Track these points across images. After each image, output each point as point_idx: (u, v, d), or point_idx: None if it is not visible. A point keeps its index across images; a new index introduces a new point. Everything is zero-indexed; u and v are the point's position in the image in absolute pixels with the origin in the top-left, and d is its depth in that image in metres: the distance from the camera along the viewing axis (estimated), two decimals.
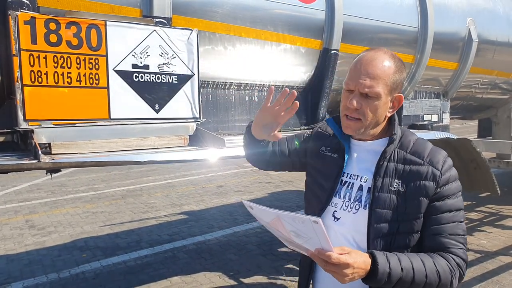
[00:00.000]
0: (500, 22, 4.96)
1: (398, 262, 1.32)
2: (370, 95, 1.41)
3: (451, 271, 1.37)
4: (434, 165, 1.43)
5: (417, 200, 1.41)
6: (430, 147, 1.49)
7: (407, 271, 1.31)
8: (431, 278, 1.34)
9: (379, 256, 1.30)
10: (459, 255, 1.40)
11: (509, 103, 5.88)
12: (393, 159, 1.47)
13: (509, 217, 6.64)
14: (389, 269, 1.29)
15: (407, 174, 1.44)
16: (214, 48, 2.80)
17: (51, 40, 1.99)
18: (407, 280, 1.32)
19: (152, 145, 2.35)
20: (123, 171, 11.42)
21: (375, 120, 1.47)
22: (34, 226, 6.81)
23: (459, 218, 1.43)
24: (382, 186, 1.44)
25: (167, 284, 4.64)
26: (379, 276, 1.29)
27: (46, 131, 2.04)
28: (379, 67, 1.41)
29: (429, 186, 1.40)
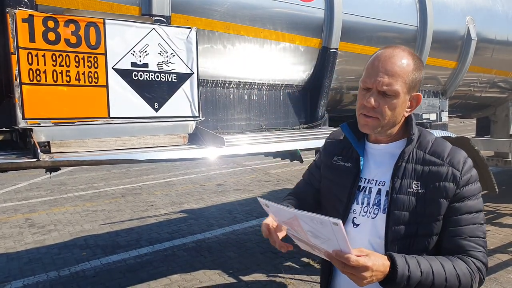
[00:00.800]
0: (499, 20, 4.96)
1: (417, 265, 1.28)
2: (389, 93, 1.37)
3: (471, 275, 1.32)
4: (454, 166, 1.38)
5: (436, 202, 1.36)
6: (450, 147, 1.45)
7: (427, 274, 1.27)
8: (451, 282, 1.30)
9: (398, 259, 1.26)
10: (479, 258, 1.35)
11: (507, 101, 5.89)
12: (412, 160, 1.43)
13: (507, 215, 6.65)
14: (409, 272, 1.25)
15: (427, 175, 1.39)
16: (213, 47, 2.80)
17: (50, 38, 2.00)
18: (427, 284, 1.28)
19: (151, 143, 2.35)
20: (122, 169, 11.43)
21: (393, 120, 1.42)
22: (34, 224, 6.82)
23: (479, 220, 1.39)
24: (401, 188, 1.40)
25: (166, 282, 4.65)
26: (398, 279, 1.24)
27: (45, 130, 2.04)
28: (397, 65, 1.37)
29: (449, 187, 1.36)
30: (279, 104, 3.37)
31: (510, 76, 5.40)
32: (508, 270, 4.70)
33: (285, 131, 3.23)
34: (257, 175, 10.45)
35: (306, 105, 3.53)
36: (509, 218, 6.47)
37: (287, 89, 3.39)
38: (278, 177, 10.06)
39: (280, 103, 3.37)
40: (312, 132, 3.27)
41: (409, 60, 1.40)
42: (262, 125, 3.22)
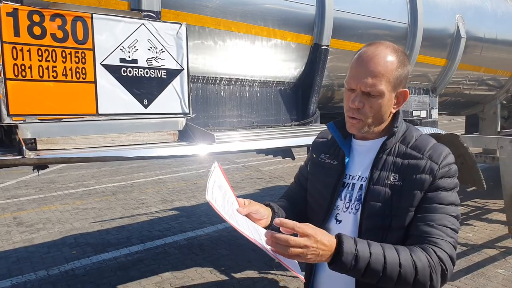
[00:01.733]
0: (488, 19, 5.00)
1: (367, 246, 1.23)
2: (373, 94, 1.36)
3: (431, 266, 1.25)
4: (433, 160, 1.38)
5: (412, 194, 1.35)
6: (433, 143, 1.44)
7: (377, 256, 1.22)
8: (406, 270, 1.23)
9: (345, 238, 1.23)
10: (444, 248, 1.29)
11: (495, 99, 5.95)
12: (393, 153, 1.43)
13: (495, 211, 6.72)
14: (356, 251, 1.21)
15: (405, 168, 1.39)
16: (203, 43, 2.78)
17: (35, 33, 1.96)
18: (377, 268, 1.21)
19: (140, 140, 2.32)
20: (113, 167, 11.35)
21: (379, 118, 1.42)
22: (22, 223, 6.75)
23: (450, 212, 1.36)
24: (378, 179, 1.40)
25: (158, 280, 4.63)
26: (344, 257, 1.19)
27: (31, 127, 2.01)
28: (381, 64, 1.36)
29: (425, 179, 1.35)
30: (270, 101, 3.36)
31: (498, 74, 5.45)
32: (496, 265, 4.75)
33: (277, 128, 3.22)
34: (249, 172, 10.44)
35: (297, 102, 3.52)
36: (497, 214, 6.53)
37: (279, 86, 3.38)
38: (270, 174, 10.06)
39: (271, 100, 3.36)
40: (303, 129, 3.26)
41: (393, 57, 1.39)
42: (254, 122, 3.21)
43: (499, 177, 4.65)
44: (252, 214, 1.44)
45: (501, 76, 5.52)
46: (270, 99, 3.32)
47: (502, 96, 5.94)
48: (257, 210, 1.46)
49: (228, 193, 1.40)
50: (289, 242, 1.16)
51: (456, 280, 4.41)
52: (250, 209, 1.44)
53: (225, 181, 1.43)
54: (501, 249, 5.18)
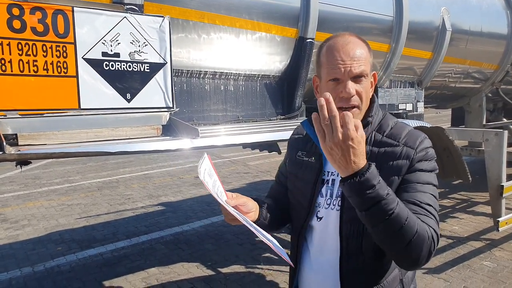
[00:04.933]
0: (473, 12, 5.03)
1: (386, 187, 1.21)
2: (362, 76, 1.37)
3: (427, 233, 1.24)
4: (409, 145, 1.38)
5: (389, 180, 1.33)
6: (408, 130, 1.44)
7: (391, 199, 1.20)
8: (410, 223, 1.21)
9: (373, 166, 1.20)
10: (430, 223, 1.27)
11: (481, 92, 6.00)
12: (369, 143, 1.43)
13: (480, 203, 6.81)
14: (378, 181, 1.18)
15: (381, 156, 1.39)
16: (187, 36, 2.75)
17: (15, 26, 1.91)
18: (389, 209, 1.19)
19: (124, 135, 2.29)
20: (99, 162, 11.26)
21: (367, 103, 1.43)
22: (6, 219, 6.66)
23: (430, 191, 1.35)
24: None
25: (144, 276, 4.60)
26: (366, 178, 1.17)
27: (12, 122, 1.97)
28: (359, 48, 1.39)
29: (402, 164, 1.35)
30: (256, 95, 3.34)
31: (484, 67, 5.49)
32: (481, 257, 4.81)
33: (262, 122, 3.21)
34: (236, 167, 10.43)
35: (283, 96, 3.51)
36: (482, 206, 6.62)
37: (264, 79, 3.36)
38: (257, 169, 10.07)
39: (257, 94, 3.34)
40: (289, 123, 3.26)
41: (363, 42, 1.43)
42: (239, 116, 3.19)
43: (485, 170, 4.71)
44: (239, 207, 1.43)
45: (487, 69, 5.57)
46: (255, 93, 3.31)
47: (487, 89, 6.00)
48: (244, 203, 1.45)
49: (217, 184, 1.41)
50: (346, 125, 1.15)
51: (442, 273, 4.46)
52: (238, 201, 1.43)
53: (214, 172, 1.42)
54: (487, 242, 5.26)
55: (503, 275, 4.36)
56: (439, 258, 4.84)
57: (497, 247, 5.09)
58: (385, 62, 4.06)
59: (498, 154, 4.56)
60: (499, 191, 4.57)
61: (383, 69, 4.08)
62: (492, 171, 4.63)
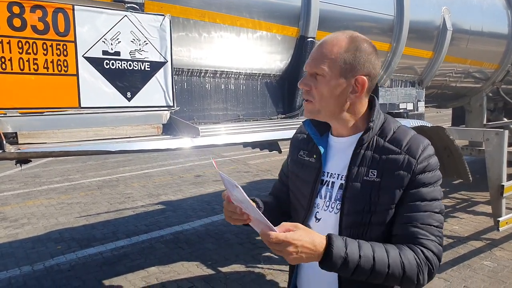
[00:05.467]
0: (474, 11, 5.02)
1: (357, 248, 1.25)
2: (318, 73, 1.38)
3: (418, 266, 1.28)
4: (411, 154, 1.34)
5: (390, 191, 1.34)
6: (411, 135, 1.41)
7: (366, 258, 1.24)
8: (394, 269, 1.26)
9: (336, 239, 1.24)
10: (430, 248, 1.30)
11: (481, 91, 5.99)
12: (371, 148, 1.40)
13: (481, 203, 6.80)
14: (345, 254, 1.22)
15: (383, 163, 1.36)
16: (188, 35, 2.74)
17: (15, 25, 1.91)
18: (366, 269, 1.24)
19: (124, 134, 2.29)
20: (99, 161, 11.25)
21: (331, 104, 1.40)
22: (6, 218, 6.65)
23: (433, 208, 1.34)
24: (357, 175, 1.38)
25: (144, 275, 4.60)
26: (334, 260, 1.21)
27: (12, 120, 1.96)
28: (326, 47, 1.38)
29: (403, 176, 1.33)
30: (256, 94, 3.33)
31: (484, 66, 5.49)
32: (481, 257, 4.81)
33: (263, 121, 3.20)
34: (236, 166, 10.43)
35: (283, 95, 3.50)
36: (483, 206, 6.62)
37: (265, 78, 3.35)
38: (257, 168, 10.06)
39: (257, 93, 3.34)
40: (289, 122, 3.25)
41: (342, 42, 1.38)
42: (239, 115, 3.18)
43: (485, 170, 4.70)
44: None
45: (487, 68, 5.56)
46: (256, 91, 3.30)
47: (488, 89, 5.99)
48: None
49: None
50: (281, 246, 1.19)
51: (442, 272, 4.46)
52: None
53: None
54: (487, 241, 5.25)
55: (503, 275, 4.36)
56: None
57: (497, 246, 5.09)
58: (386, 62, 4.05)
59: (499, 154, 4.55)
60: (499, 191, 4.57)
61: (384, 69, 4.07)
62: (492, 170, 4.63)
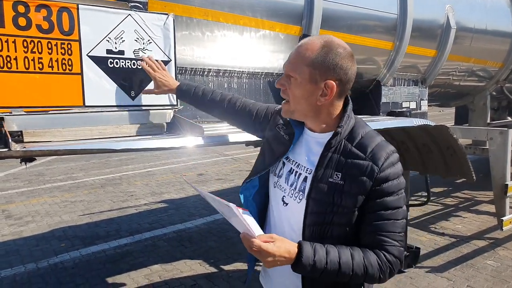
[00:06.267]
0: (478, 9, 5.01)
1: (324, 255, 1.37)
2: (291, 75, 1.46)
3: (380, 268, 1.41)
4: (374, 161, 1.42)
5: (353, 195, 1.42)
6: (377, 142, 1.48)
7: (333, 264, 1.37)
8: (357, 272, 1.39)
9: (305, 248, 1.37)
10: (392, 252, 1.43)
11: (485, 90, 5.97)
12: (338, 151, 1.48)
13: (484, 202, 6.79)
14: (313, 261, 1.35)
15: (348, 168, 1.44)
16: (191, 34, 2.74)
17: (20, 24, 1.91)
18: (333, 271, 1.37)
19: (128, 132, 2.29)
20: (102, 159, 11.28)
21: (303, 106, 1.48)
22: (10, 216, 6.69)
23: (397, 216, 1.44)
24: (323, 177, 1.46)
25: (147, 272, 4.62)
26: (303, 266, 1.35)
27: (17, 119, 1.97)
28: (299, 50, 1.45)
29: (365, 182, 1.41)
30: (259, 93, 3.34)
31: (488, 65, 5.47)
32: (485, 256, 4.81)
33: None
34: (239, 165, 10.44)
35: None
36: (486, 205, 6.61)
37: (267, 77, 3.36)
38: None
39: (260, 92, 3.34)
40: None
41: (315, 47, 1.42)
42: None
43: (489, 169, 4.70)
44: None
45: (491, 67, 5.55)
46: (258, 90, 3.31)
47: (491, 87, 5.97)
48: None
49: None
50: (260, 254, 1.34)
51: (445, 272, 4.47)
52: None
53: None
54: (490, 241, 5.25)
55: (506, 274, 4.36)
56: (442, 257, 4.84)
57: (500, 246, 5.08)
58: (389, 60, 4.05)
59: (503, 153, 4.55)
60: (503, 190, 4.57)
61: (387, 67, 4.07)
62: (496, 170, 4.62)
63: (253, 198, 1.70)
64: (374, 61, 3.98)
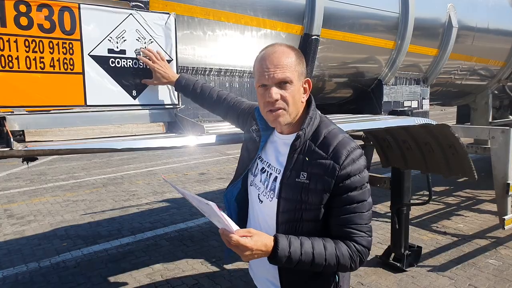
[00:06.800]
0: (480, 8, 4.99)
1: (299, 246, 1.46)
2: (285, 82, 1.51)
3: (351, 257, 1.51)
4: (335, 160, 1.49)
5: (318, 193, 1.50)
6: (339, 140, 1.54)
7: (307, 255, 1.46)
8: (330, 261, 1.48)
9: (281, 241, 1.45)
10: (361, 242, 1.53)
11: (487, 89, 5.96)
12: (303, 151, 1.56)
13: (486, 201, 6.79)
14: (289, 253, 1.44)
15: (312, 167, 1.52)
16: (193, 33, 2.74)
17: (22, 23, 1.92)
18: (307, 262, 1.46)
19: (129, 132, 2.30)
20: (103, 159, 11.30)
21: (295, 108, 1.56)
22: (12, 215, 6.71)
23: (362, 209, 1.52)
24: (290, 177, 1.55)
25: (149, 272, 4.63)
26: (279, 257, 1.44)
27: (19, 118, 1.97)
28: (284, 56, 1.53)
29: (328, 181, 1.49)
30: None
31: (490, 64, 5.46)
32: (486, 255, 4.81)
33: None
34: None
35: None
36: (488, 204, 6.60)
37: None
38: None
39: None
40: None
41: (291, 51, 1.57)
42: None
43: (490, 168, 4.69)
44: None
45: (493, 65, 5.54)
46: None
47: (493, 86, 5.96)
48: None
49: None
50: (238, 249, 1.43)
51: (447, 270, 4.46)
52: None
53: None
54: (492, 240, 5.25)
55: (508, 273, 4.36)
56: (444, 256, 4.83)
57: (502, 245, 5.08)
58: (390, 59, 4.04)
59: (504, 152, 4.53)
60: (505, 189, 4.55)
61: (389, 66, 4.06)
62: (498, 169, 4.61)
63: (235, 199, 1.81)
64: (375, 60, 3.97)
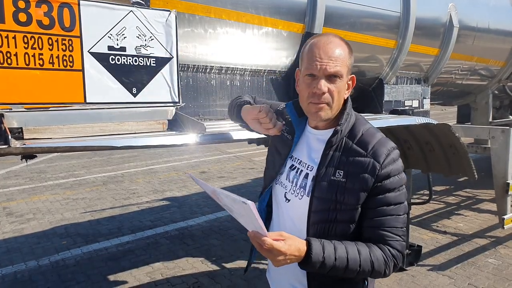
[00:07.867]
0: (481, 8, 4.99)
1: (333, 251, 1.37)
2: (335, 76, 1.43)
3: (385, 262, 1.43)
4: (376, 158, 1.43)
5: (355, 192, 1.43)
6: (378, 138, 1.49)
7: (341, 260, 1.38)
8: (364, 267, 1.40)
9: (314, 245, 1.36)
10: (395, 247, 1.45)
11: (487, 89, 5.95)
12: (339, 149, 1.49)
13: (485, 201, 6.78)
14: (323, 258, 1.36)
15: (349, 165, 1.45)
16: (194, 31, 2.73)
17: (20, 19, 1.90)
18: (341, 267, 1.38)
19: (129, 130, 2.28)
20: (104, 157, 11.29)
21: (339, 103, 1.49)
22: (12, 213, 6.69)
23: (398, 211, 1.46)
24: (325, 175, 1.47)
25: (149, 270, 4.62)
26: (312, 263, 1.35)
27: (17, 115, 1.96)
28: (338, 49, 1.44)
29: (367, 179, 1.42)
30: (261, 90, 3.32)
31: (491, 64, 5.45)
32: (486, 254, 4.80)
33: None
34: (241, 163, 10.43)
35: (289, 91, 3.49)
36: (488, 204, 6.59)
37: (270, 75, 3.34)
38: (262, 165, 10.00)
39: (262, 89, 3.33)
40: None
41: (345, 45, 1.48)
42: None
43: (490, 167, 4.68)
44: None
45: (493, 65, 5.53)
46: (261, 88, 3.29)
47: (494, 86, 5.95)
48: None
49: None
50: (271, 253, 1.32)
51: (446, 270, 4.45)
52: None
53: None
54: (492, 239, 5.24)
55: (508, 273, 4.35)
56: (444, 255, 4.83)
57: (502, 244, 5.07)
58: (391, 59, 4.03)
59: (504, 152, 4.53)
60: (504, 189, 4.55)
61: (390, 66, 4.05)
62: (498, 168, 4.60)
63: (267, 205, 1.74)
64: (377, 59, 3.96)
